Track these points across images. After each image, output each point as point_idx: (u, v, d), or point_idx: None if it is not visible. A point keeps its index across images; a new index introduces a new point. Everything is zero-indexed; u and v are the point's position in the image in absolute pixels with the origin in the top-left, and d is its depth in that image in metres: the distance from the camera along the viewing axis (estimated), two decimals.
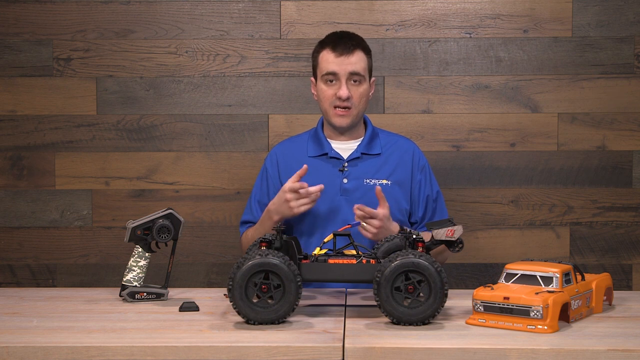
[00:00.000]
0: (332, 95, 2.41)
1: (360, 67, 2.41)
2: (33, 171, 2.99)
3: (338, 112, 2.42)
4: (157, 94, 2.98)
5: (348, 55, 2.40)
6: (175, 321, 1.91)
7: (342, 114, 2.42)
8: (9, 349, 1.68)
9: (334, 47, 2.41)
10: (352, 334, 1.77)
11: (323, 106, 2.45)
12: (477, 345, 1.68)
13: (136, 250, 2.17)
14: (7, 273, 3.00)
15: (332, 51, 2.41)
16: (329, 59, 2.41)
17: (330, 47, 2.42)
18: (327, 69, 2.41)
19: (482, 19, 2.95)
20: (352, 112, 2.43)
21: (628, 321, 1.92)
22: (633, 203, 2.96)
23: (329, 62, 2.41)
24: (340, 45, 2.41)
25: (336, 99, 2.41)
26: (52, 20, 2.97)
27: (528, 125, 2.96)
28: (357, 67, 2.40)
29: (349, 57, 2.40)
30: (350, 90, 2.40)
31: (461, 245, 1.97)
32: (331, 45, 2.42)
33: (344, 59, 2.39)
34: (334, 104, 2.42)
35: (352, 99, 2.40)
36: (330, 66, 2.40)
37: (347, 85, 2.40)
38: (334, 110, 2.42)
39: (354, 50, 2.41)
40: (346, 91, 2.39)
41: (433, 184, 2.52)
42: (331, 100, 2.42)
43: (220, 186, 2.99)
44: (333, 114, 2.43)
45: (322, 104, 2.45)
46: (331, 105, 2.42)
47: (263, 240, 1.96)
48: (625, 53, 2.94)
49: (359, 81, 2.41)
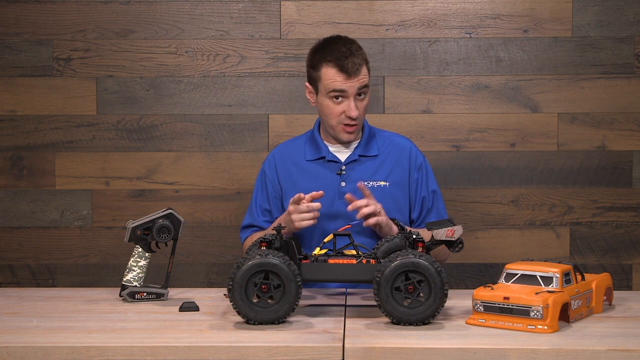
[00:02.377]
0: (340, 112, 2.37)
1: (366, 81, 2.38)
2: (33, 171, 2.99)
3: (347, 129, 2.40)
4: (157, 94, 2.98)
5: (357, 75, 2.35)
6: (175, 321, 1.91)
7: (350, 130, 2.40)
8: (9, 349, 1.69)
9: (342, 67, 2.34)
10: (352, 334, 1.77)
11: (329, 122, 2.41)
12: (477, 345, 1.68)
13: (136, 250, 2.17)
14: (7, 273, 3.00)
15: (340, 71, 2.34)
16: (336, 79, 2.35)
17: (337, 67, 2.35)
18: (335, 87, 2.35)
19: (482, 19, 2.95)
20: (359, 126, 2.42)
21: (628, 321, 1.92)
22: (633, 203, 2.96)
23: (336, 82, 2.35)
24: (348, 65, 2.34)
25: (345, 117, 2.38)
26: (52, 20, 2.97)
27: (528, 125, 2.96)
28: (365, 81, 2.37)
29: (358, 76, 2.35)
30: (357, 105, 2.37)
31: (461, 246, 1.97)
32: (337, 65, 2.35)
33: (353, 78, 2.35)
34: (342, 121, 2.38)
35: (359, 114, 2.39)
36: (339, 85, 2.35)
37: (356, 103, 2.37)
38: (343, 127, 2.39)
39: (361, 68, 2.36)
40: (356, 111, 2.35)
41: (430, 182, 2.51)
42: (339, 117, 2.38)
43: (220, 186, 2.99)
44: (341, 131, 2.40)
45: (329, 120, 2.41)
46: (339, 123, 2.39)
47: (263, 241, 1.96)
48: (625, 53, 2.94)
49: (364, 93, 2.39)
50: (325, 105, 2.40)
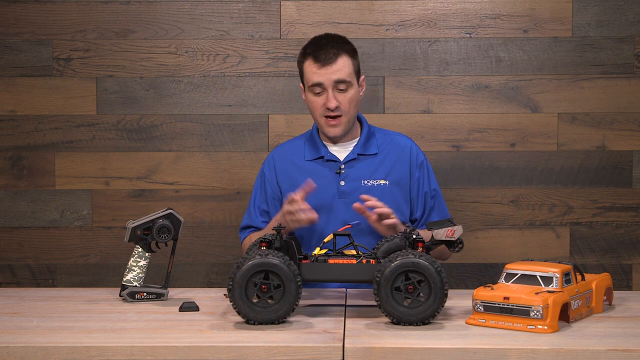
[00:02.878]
0: (321, 105, 2.38)
1: (345, 74, 2.36)
2: (33, 171, 2.99)
3: (329, 122, 2.40)
4: (157, 94, 2.98)
5: (331, 64, 2.35)
6: (175, 321, 1.91)
7: (333, 123, 2.40)
8: (9, 349, 1.68)
9: (316, 57, 2.36)
10: (352, 334, 1.77)
11: (315, 117, 2.43)
12: (477, 345, 1.68)
13: (136, 250, 2.17)
14: (7, 273, 3.00)
15: (315, 61, 2.36)
16: (312, 70, 2.36)
17: (312, 58, 2.37)
18: (312, 80, 2.37)
19: (482, 19, 2.95)
20: (343, 120, 2.40)
21: (628, 321, 1.92)
22: (633, 203, 2.96)
23: (313, 73, 2.36)
24: (322, 54, 2.35)
25: (325, 109, 2.38)
26: (52, 20, 2.97)
27: (528, 125, 2.96)
28: (342, 74, 2.36)
29: (332, 66, 2.35)
30: (338, 97, 2.37)
31: (461, 246, 1.97)
32: (313, 56, 2.37)
33: (327, 68, 2.35)
34: (324, 114, 2.39)
35: (341, 106, 2.38)
36: (315, 77, 2.36)
37: (334, 94, 2.36)
38: (325, 120, 2.40)
39: (336, 58, 2.35)
40: (334, 101, 2.36)
41: (431, 181, 2.51)
42: (321, 110, 2.39)
43: (220, 186, 2.99)
44: (324, 124, 2.41)
45: (313, 114, 2.43)
46: (322, 116, 2.40)
47: (263, 241, 1.96)
48: (625, 53, 2.94)
49: (345, 87, 2.38)
50: (309, 100, 2.43)
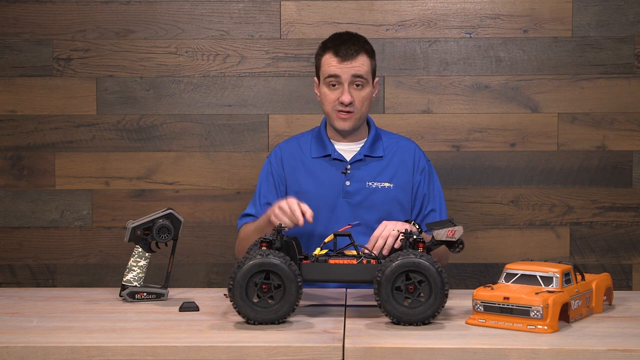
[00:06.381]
0: (335, 99, 2.41)
1: (364, 71, 2.39)
2: (33, 171, 2.99)
3: (340, 116, 2.42)
4: (157, 94, 2.98)
5: (351, 60, 2.38)
6: (175, 321, 1.91)
7: (344, 117, 2.42)
8: (9, 349, 1.68)
9: (337, 51, 2.39)
10: (352, 334, 1.77)
11: (326, 109, 2.45)
12: (477, 345, 1.68)
13: (136, 250, 2.17)
14: (7, 273, 3.00)
15: (335, 55, 2.39)
16: (331, 63, 2.39)
17: (333, 51, 2.39)
18: (330, 72, 2.39)
19: (482, 19, 2.95)
20: (355, 116, 2.42)
21: (628, 321, 1.92)
22: (633, 203, 2.96)
23: (331, 66, 2.39)
24: (343, 49, 2.38)
25: (339, 104, 2.40)
26: (52, 20, 2.97)
27: (528, 125, 2.96)
28: (360, 71, 2.38)
29: (352, 62, 2.38)
30: (353, 94, 2.39)
31: (462, 246, 1.97)
32: (334, 50, 2.40)
33: (347, 63, 2.38)
34: (336, 108, 2.41)
35: (354, 103, 2.40)
36: (333, 69, 2.38)
37: (350, 90, 2.39)
38: (337, 113, 2.42)
39: (357, 55, 2.38)
40: (349, 97, 2.38)
41: (432, 182, 2.51)
42: (334, 104, 2.41)
43: (220, 186, 2.99)
44: (335, 117, 2.43)
45: (325, 107, 2.45)
46: (334, 109, 2.42)
47: (264, 240, 1.96)
48: (625, 53, 2.94)
49: (361, 85, 2.40)
50: (322, 92, 2.44)
